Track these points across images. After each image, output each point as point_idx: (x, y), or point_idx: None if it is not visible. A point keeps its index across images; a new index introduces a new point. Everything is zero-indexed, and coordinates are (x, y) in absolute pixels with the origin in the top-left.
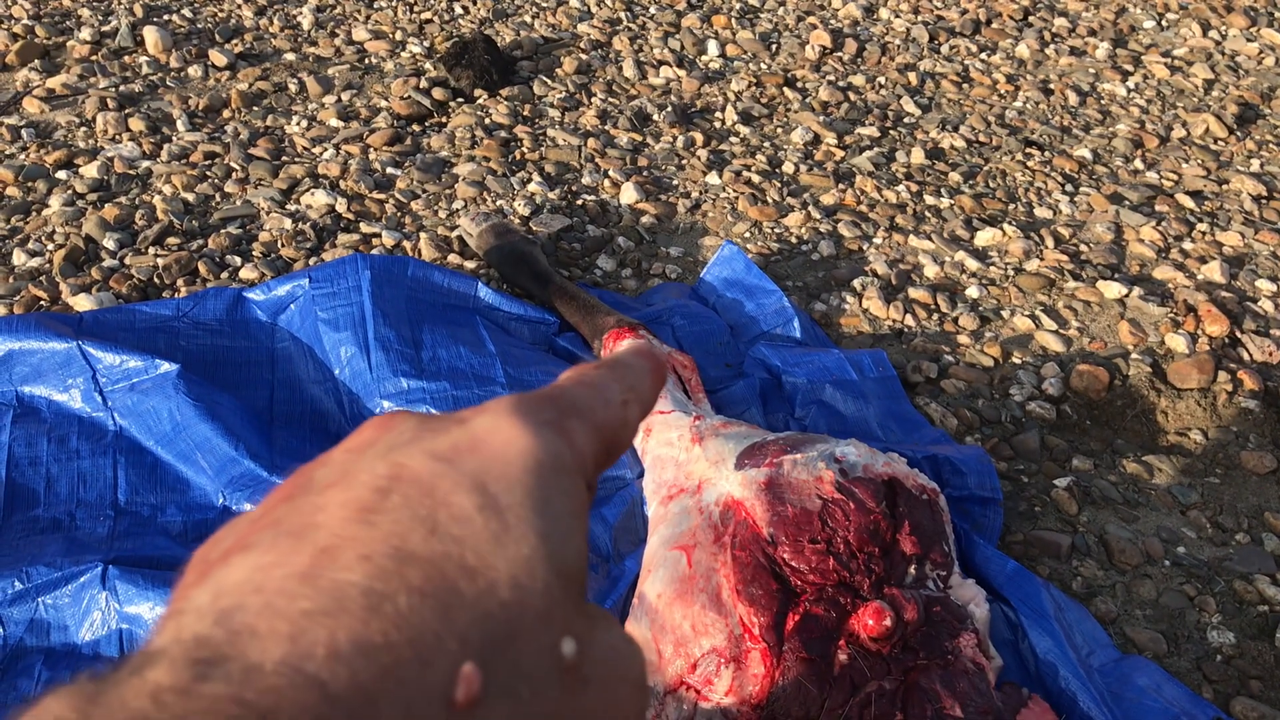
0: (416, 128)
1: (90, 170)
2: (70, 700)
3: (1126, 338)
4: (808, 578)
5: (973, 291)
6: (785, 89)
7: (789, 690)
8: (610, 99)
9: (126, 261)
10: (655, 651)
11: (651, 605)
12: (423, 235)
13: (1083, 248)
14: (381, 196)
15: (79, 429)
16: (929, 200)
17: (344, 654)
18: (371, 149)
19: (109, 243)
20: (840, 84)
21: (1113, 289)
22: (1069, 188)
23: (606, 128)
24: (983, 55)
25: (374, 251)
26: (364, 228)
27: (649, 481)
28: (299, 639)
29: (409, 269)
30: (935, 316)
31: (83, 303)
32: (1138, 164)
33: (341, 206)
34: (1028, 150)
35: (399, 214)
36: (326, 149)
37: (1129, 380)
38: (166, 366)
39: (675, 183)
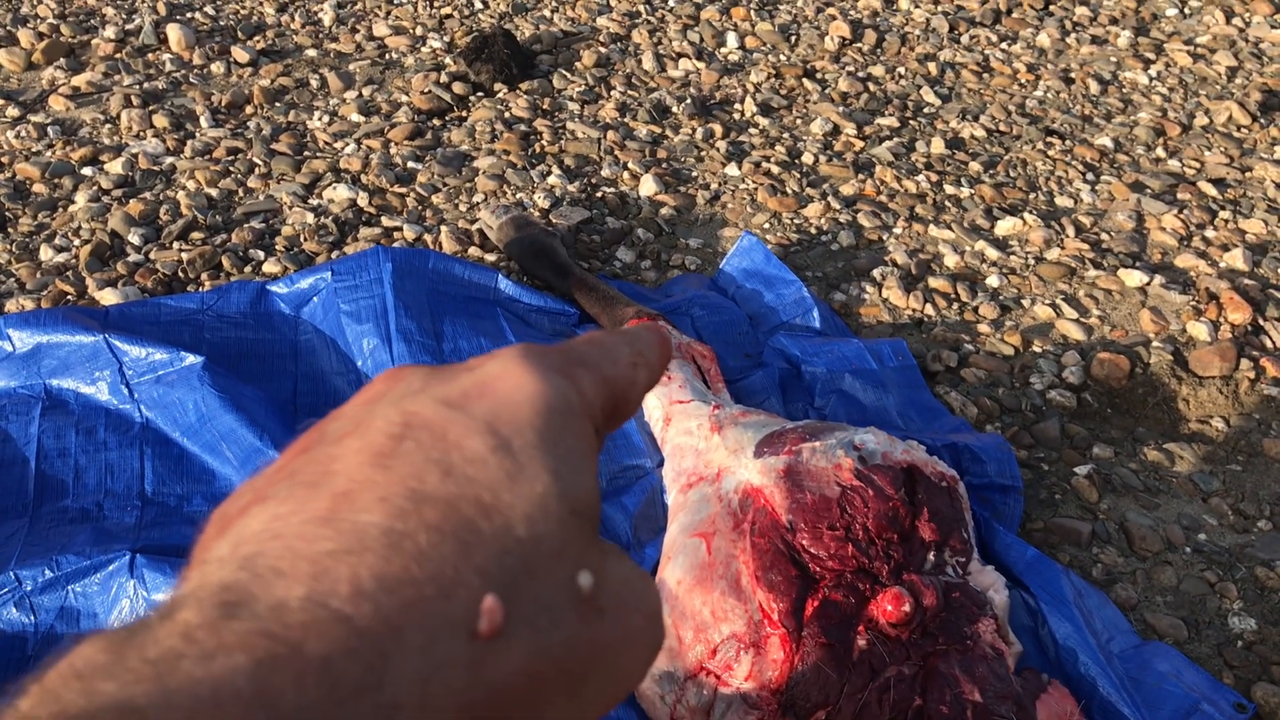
0: (437, 122)
1: (115, 167)
2: (103, 642)
3: (1148, 326)
4: (827, 564)
5: (993, 280)
6: (804, 80)
7: (808, 675)
8: (629, 92)
9: (151, 256)
10: (675, 638)
11: (671, 592)
12: (443, 228)
13: (1104, 236)
14: (402, 190)
15: (106, 421)
16: (949, 190)
17: (367, 589)
18: (392, 143)
19: (134, 238)
20: (860, 75)
21: (1134, 277)
22: (1090, 176)
23: (626, 120)
24: (1003, 44)
25: (395, 245)
26: (385, 221)
27: (669, 470)
28: (322, 577)
29: (430, 261)
30: (955, 306)
31: (109, 297)
32: (1159, 152)
33: (363, 200)
34: (1048, 139)
35: (420, 207)
36: (348, 144)
37: (1150, 368)
38: (191, 359)
39: (694, 174)
